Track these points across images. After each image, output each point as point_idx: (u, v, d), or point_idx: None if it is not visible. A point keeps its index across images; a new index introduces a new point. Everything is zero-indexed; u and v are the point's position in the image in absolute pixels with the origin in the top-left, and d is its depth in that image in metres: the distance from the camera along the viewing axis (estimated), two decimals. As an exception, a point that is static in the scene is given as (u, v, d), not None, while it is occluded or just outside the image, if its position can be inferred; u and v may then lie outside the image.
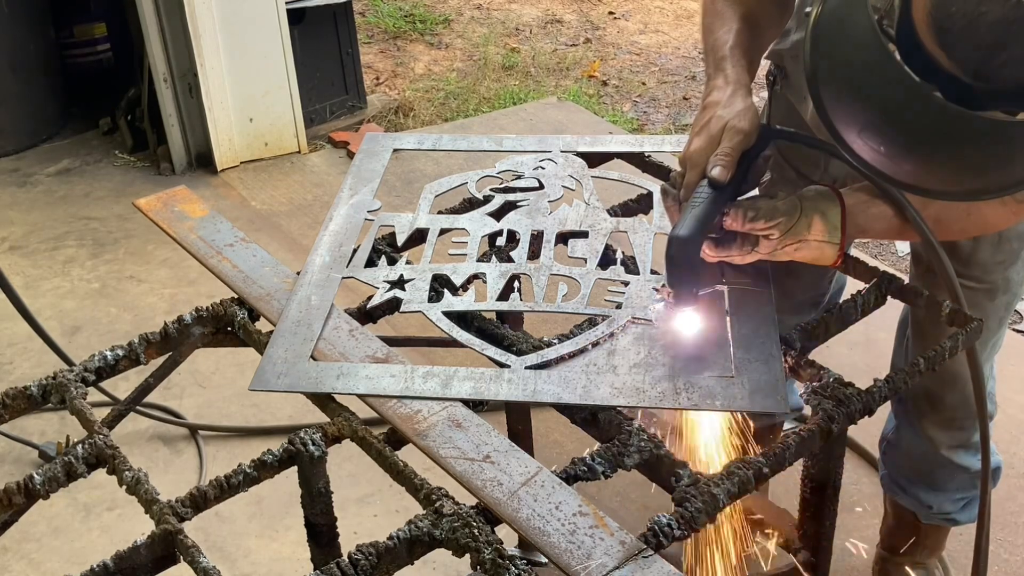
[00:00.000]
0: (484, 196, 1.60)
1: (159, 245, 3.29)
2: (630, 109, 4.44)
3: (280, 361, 1.28)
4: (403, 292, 1.39)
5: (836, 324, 1.34)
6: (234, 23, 3.63)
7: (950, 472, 1.78)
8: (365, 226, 1.54)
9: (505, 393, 1.22)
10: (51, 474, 1.14)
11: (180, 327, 1.36)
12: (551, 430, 2.44)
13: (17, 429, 2.42)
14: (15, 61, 3.89)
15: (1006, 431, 2.41)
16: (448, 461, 1.11)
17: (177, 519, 1.07)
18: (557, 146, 1.71)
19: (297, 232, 3.43)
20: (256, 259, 1.48)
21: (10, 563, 2.22)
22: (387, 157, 1.72)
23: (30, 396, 1.27)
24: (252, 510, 2.30)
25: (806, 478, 1.32)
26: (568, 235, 1.48)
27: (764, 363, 1.22)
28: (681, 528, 1.03)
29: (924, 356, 1.24)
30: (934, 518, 1.88)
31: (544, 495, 1.06)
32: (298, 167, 3.87)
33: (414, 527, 1.04)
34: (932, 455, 1.77)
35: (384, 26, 5.20)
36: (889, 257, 3.30)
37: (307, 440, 1.18)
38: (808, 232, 1.26)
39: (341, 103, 4.18)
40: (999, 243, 1.55)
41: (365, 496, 2.32)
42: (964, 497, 1.83)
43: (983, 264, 1.57)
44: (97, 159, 3.96)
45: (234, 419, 2.61)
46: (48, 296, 3.14)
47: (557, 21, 5.36)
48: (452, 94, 4.50)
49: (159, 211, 1.60)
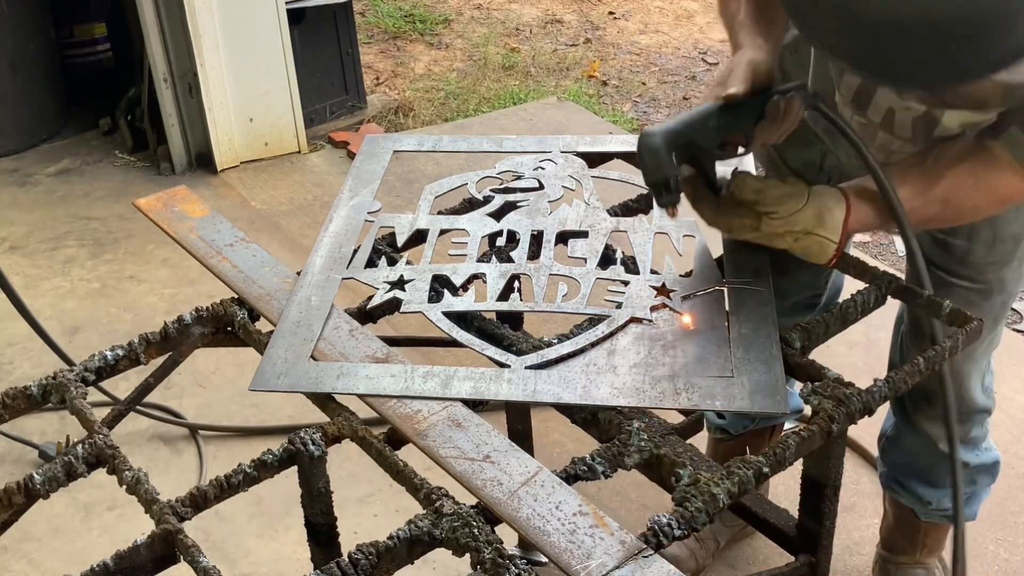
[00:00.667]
0: (484, 196, 1.60)
1: (159, 245, 3.29)
2: (630, 109, 4.44)
3: (280, 361, 1.28)
4: (403, 292, 1.39)
5: (836, 324, 1.34)
6: (234, 23, 3.63)
7: (948, 468, 1.78)
8: (365, 227, 1.54)
9: (505, 393, 1.22)
10: (51, 474, 1.14)
11: (180, 327, 1.36)
12: (551, 430, 2.44)
13: (17, 429, 2.42)
14: (15, 61, 3.88)
15: (1006, 431, 2.41)
16: (448, 461, 1.11)
17: (177, 519, 1.07)
18: (557, 146, 1.71)
19: (297, 232, 3.43)
20: (256, 259, 1.48)
21: (10, 563, 2.22)
22: (387, 158, 1.72)
23: (30, 396, 1.27)
24: (252, 510, 2.30)
25: (806, 478, 1.32)
26: (568, 235, 1.48)
27: (764, 363, 1.22)
28: (681, 528, 1.03)
29: (924, 356, 1.25)
30: (933, 515, 1.88)
31: (544, 495, 1.06)
32: (298, 167, 3.87)
33: (414, 527, 1.04)
34: (930, 451, 1.78)
35: (384, 26, 5.20)
36: (889, 257, 3.30)
37: (307, 440, 1.18)
38: (811, 223, 1.29)
39: (341, 103, 4.18)
40: (993, 243, 1.56)
41: (365, 496, 2.32)
42: (963, 493, 1.83)
43: (977, 264, 1.58)
44: (97, 159, 3.96)
45: (234, 419, 2.61)
46: (48, 296, 3.14)
47: (557, 21, 5.36)
48: (452, 94, 4.50)
49: (159, 211, 1.60)
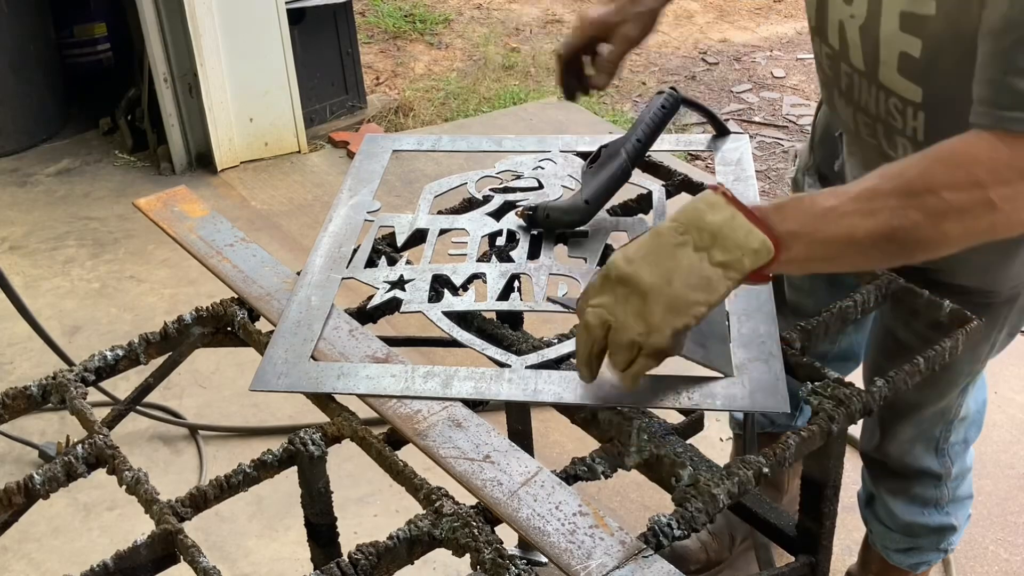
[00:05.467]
0: (484, 196, 1.60)
1: (159, 245, 3.29)
2: (630, 109, 4.44)
3: (280, 361, 1.28)
4: (403, 292, 1.39)
5: (836, 324, 1.34)
6: (234, 23, 3.63)
7: (923, 485, 1.78)
8: (365, 227, 1.54)
9: (505, 393, 1.22)
10: (51, 474, 1.14)
11: (180, 327, 1.36)
12: (551, 430, 2.44)
13: (17, 429, 2.42)
14: (15, 61, 3.88)
15: (1006, 431, 2.41)
16: (448, 461, 1.11)
17: (177, 519, 1.07)
18: (556, 146, 1.71)
19: (297, 232, 3.43)
20: (256, 259, 1.48)
21: (10, 563, 2.22)
22: (386, 158, 1.72)
23: (30, 396, 1.27)
24: (252, 510, 2.30)
25: (806, 478, 1.32)
26: (568, 235, 1.48)
27: (764, 363, 1.22)
28: (681, 528, 1.03)
29: (924, 356, 1.24)
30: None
31: (544, 495, 1.06)
32: (298, 167, 3.87)
33: (414, 527, 1.04)
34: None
35: (384, 26, 5.20)
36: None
37: (307, 440, 1.18)
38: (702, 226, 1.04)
39: (341, 103, 4.19)
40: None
41: (365, 496, 2.32)
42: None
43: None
44: (97, 159, 3.96)
45: (234, 419, 2.61)
46: (48, 296, 3.14)
47: (557, 21, 5.36)
48: (452, 94, 4.50)
49: (159, 211, 1.60)
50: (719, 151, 1.66)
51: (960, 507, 1.80)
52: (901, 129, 1.34)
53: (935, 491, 1.75)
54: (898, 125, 1.34)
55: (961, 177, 1.03)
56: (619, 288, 1.04)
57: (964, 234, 1.05)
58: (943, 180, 1.03)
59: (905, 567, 1.85)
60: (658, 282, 1.02)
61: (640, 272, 1.03)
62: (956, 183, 1.03)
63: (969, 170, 1.03)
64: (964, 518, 1.83)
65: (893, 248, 1.05)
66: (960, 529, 1.82)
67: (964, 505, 1.81)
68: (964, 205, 1.02)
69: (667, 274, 1.02)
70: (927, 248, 1.06)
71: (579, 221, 1.45)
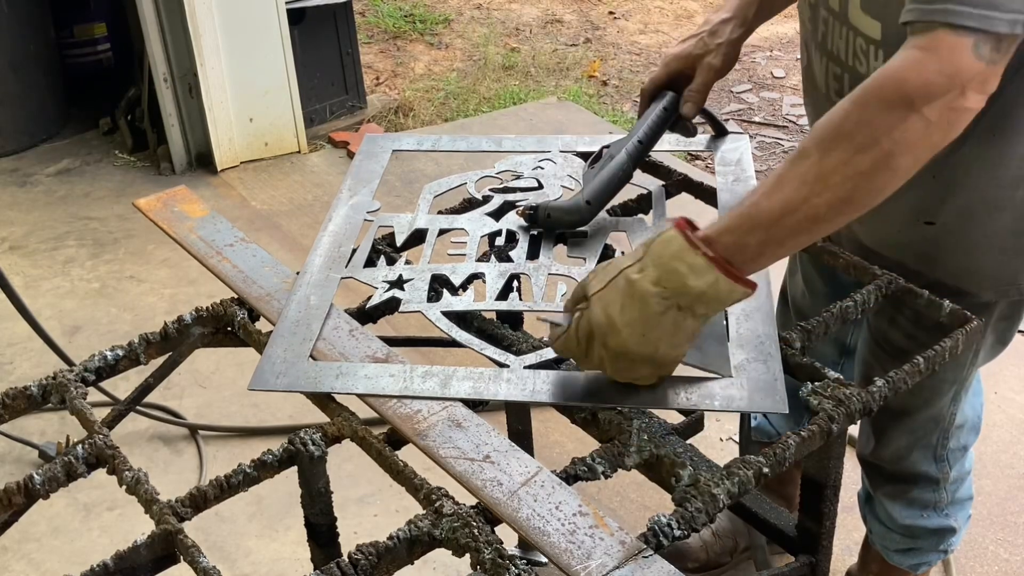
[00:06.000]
0: (483, 196, 1.60)
1: (159, 245, 3.29)
2: (630, 109, 4.44)
3: (279, 361, 1.28)
4: (402, 292, 1.39)
5: (836, 324, 1.34)
6: (234, 23, 3.63)
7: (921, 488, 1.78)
8: (364, 226, 1.54)
9: (505, 393, 1.22)
10: (51, 474, 1.14)
11: (180, 327, 1.36)
12: (551, 430, 2.44)
13: (17, 429, 2.42)
14: (15, 61, 3.88)
15: (1006, 431, 2.41)
16: (448, 461, 1.11)
17: (177, 519, 1.07)
18: (556, 146, 1.71)
19: (297, 232, 3.43)
20: (256, 259, 1.48)
21: (10, 563, 2.22)
22: (386, 158, 1.72)
23: (30, 396, 1.27)
24: (252, 510, 2.30)
25: (806, 478, 1.32)
26: (567, 235, 1.48)
27: (764, 363, 1.22)
28: (681, 528, 1.03)
29: (924, 356, 1.24)
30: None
31: (544, 495, 1.06)
32: (298, 167, 3.87)
33: (414, 527, 1.04)
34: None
35: (384, 26, 5.20)
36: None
37: (307, 440, 1.18)
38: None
39: (341, 103, 4.18)
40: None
41: (365, 496, 2.32)
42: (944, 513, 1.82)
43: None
44: (97, 159, 3.96)
45: (234, 419, 2.61)
46: (48, 296, 3.14)
47: (557, 21, 5.36)
48: (452, 94, 4.50)
49: (159, 211, 1.60)
50: (719, 151, 1.66)
51: (960, 509, 1.80)
52: (865, 74, 1.32)
53: (934, 495, 1.75)
54: (863, 70, 1.35)
55: (892, 97, 1.04)
56: (604, 352, 1.13)
57: (914, 162, 1.06)
58: (871, 116, 1.04)
59: (905, 567, 1.85)
60: (648, 351, 1.11)
61: (628, 343, 1.10)
62: (888, 109, 1.03)
63: (899, 90, 1.03)
64: (964, 519, 1.83)
65: (850, 209, 1.08)
66: (960, 530, 1.82)
67: (964, 507, 1.81)
68: (904, 134, 1.02)
69: (655, 343, 1.11)
70: (884, 190, 1.07)
71: (580, 221, 1.45)
